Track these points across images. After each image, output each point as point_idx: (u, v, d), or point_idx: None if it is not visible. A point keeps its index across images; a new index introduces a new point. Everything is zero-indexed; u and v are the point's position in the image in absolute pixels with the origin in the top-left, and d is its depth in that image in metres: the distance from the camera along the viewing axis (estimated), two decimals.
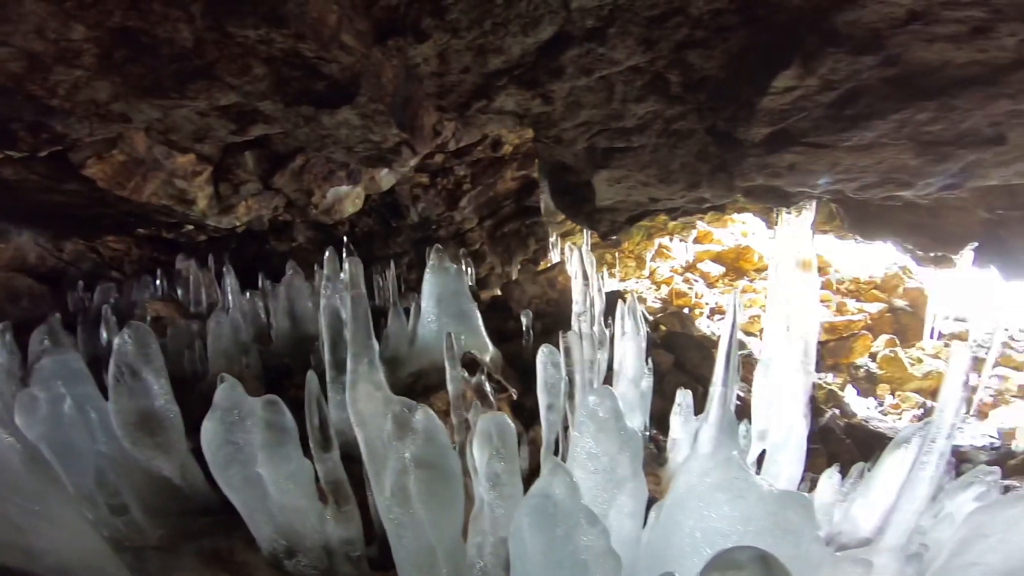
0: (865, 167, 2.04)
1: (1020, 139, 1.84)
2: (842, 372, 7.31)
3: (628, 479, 1.41)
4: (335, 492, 1.67)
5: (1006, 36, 1.53)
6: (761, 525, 1.23)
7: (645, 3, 1.76)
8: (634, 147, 2.33)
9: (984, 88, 1.67)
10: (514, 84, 2.10)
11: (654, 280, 8.14)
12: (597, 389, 1.53)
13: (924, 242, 3.15)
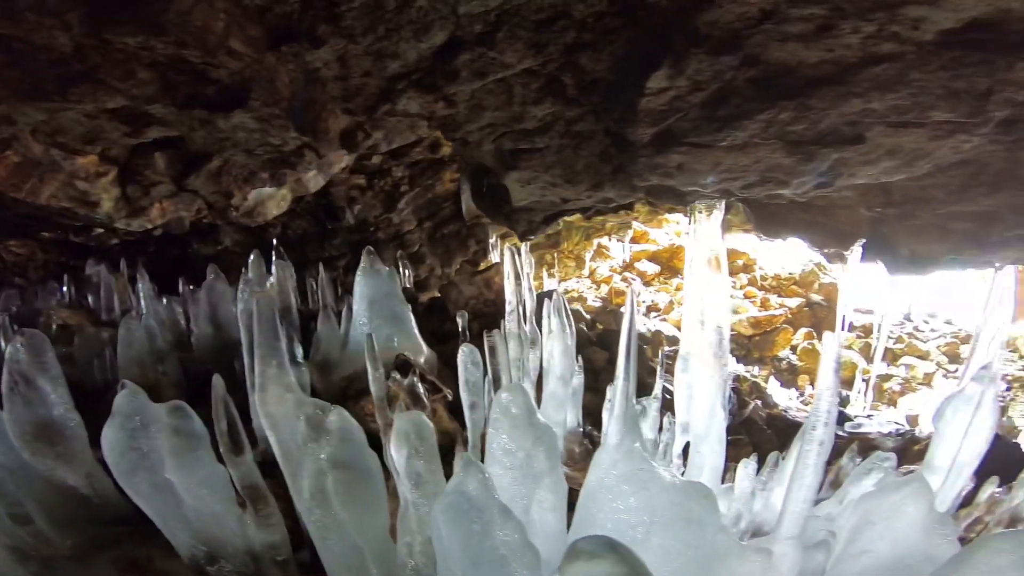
0: (745, 166, 2.11)
1: (879, 138, 1.93)
2: (767, 364, 7.66)
3: (545, 474, 1.42)
4: (252, 496, 1.64)
5: (849, 34, 1.59)
6: (666, 516, 1.24)
7: (531, 8, 1.78)
8: (539, 148, 2.39)
9: (835, 88, 1.74)
10: (414, 88, 2.12)
11: (594, 279, 8.29)
12: (509, 386, 1.54)
13: (819, 239, 3.34)
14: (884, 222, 2.85)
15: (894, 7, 1.50)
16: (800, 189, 2.26)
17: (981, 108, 1.70)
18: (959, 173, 2.32)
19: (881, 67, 1.67)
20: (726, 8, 1.64)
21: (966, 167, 2.28)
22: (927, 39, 1.57)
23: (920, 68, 1.63)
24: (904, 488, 1.38)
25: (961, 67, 1.59)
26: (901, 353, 7.20)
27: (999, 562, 1.04)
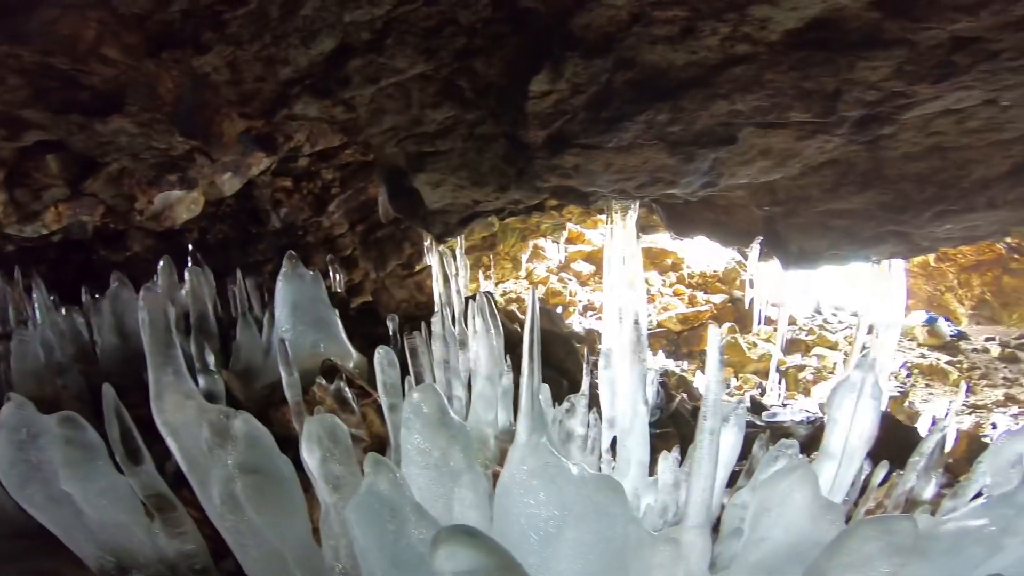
0: (635, 167, 2.13)
1: (751, 139, 1.98)
2: (695, 359, 7.93)
3: (463, 471, 1.41)
4: (158, 506, 1.57)
5: (708, 36, 1.62)
6: (577, 509, 1.24)
7: (418, 15, 1.76)
8: (443, 152, 2.37)
9: (703, 89, 1.77)
10: (308, 93, 2.06)
11: (531, 281, 8.37)
12: (420, 387, 1.52)
13: (722, 237, 3.47)
14: (774, 220, 2.98)
15: (742, 7, 1.54)
16: (688, 189, 2.33)
17: (833, 108, 1.78)
18: (831, 172, 2.45)
19: (740, 68, 1.71)
20: (596, 12, 1.65)
21: (836, 167, 2.40)
22: (775, 39, 1.62)
23: (773, 69, 1.68)
24: (791, 475, 1.41)
25: (808, 67, 1.65)
26: (813, 344, 7.59)
27: (868, 549, 1.06)
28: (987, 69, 1.57)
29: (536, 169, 2.27)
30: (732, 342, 7.76)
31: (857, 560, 1.06)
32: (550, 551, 1.22)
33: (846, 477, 2.39)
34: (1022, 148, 2.07)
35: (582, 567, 1.21)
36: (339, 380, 3.39)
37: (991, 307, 7.63)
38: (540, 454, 1.30)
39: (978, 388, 6.33)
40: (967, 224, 2.48)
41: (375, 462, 1.24)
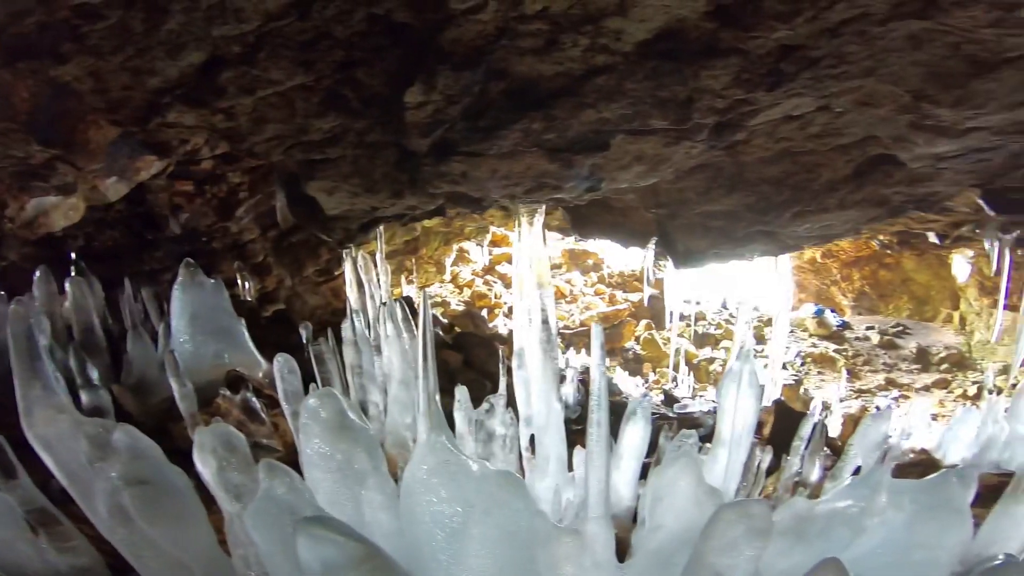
0: (520, 173, 2.19)
1: (624, 145, 2.07)
2: (616, 356, 8.17)
3: (369, 474, 1.37)
4: (40, 521, 1.46)
5: (571, 47, 1.68)
6: (481, 505, 1.23)
7: (292, 29, 1.74)
8: (333, 159, 2.35)
9: (571, 98, 1.84)
10: (181, 102, 1.99)
11: (457, 284, 8.35)
12: (317, 391, 1.49)
13: (621, 238, 3.62)
14: (662, 222, 3.14)
15: (597, 19, 1.60)
16: (574, 193, 2.41)
17: (688, 116, 1.90)
18: (702, 176, 2.60)
19: (602, 78, 1.79)
20: (465, 27, 1.68)
21: (706, 171, 2.56)
22: (629, 50, 1.70)
23: (630, 78, 1.76)
24: (675, 464, 1.44)
25: (660, 77, 1.75)
26: (721, 338, 8.02)
27: (733, 533, 1.09)
28: (810, 76, 1.72)
29: (426, 176, 2.29)
30: (649, 338, 8.06)
31: (725, 544, 1.10)
32: (457, 547, 1.22)
33: (736, 463, 2.53)
34: (861, 152, 2.28)
35: (490, 562, 1.22)
36: (245, 390, 3.26)
37: (870, 299, 8.38)
38: (439, 452, 1.30)
39: (862, 374, 6.91)
40: (823, 223, 2.71)
41: (269, 468, 1.24)
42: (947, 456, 3.44)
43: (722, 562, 1.11)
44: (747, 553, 1.10)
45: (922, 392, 6.30)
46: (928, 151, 1.97)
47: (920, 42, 1.60)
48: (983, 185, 2.43)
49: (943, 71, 1.66)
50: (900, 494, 1.49)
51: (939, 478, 1.59)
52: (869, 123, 2.02)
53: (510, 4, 1.61)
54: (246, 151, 2.42)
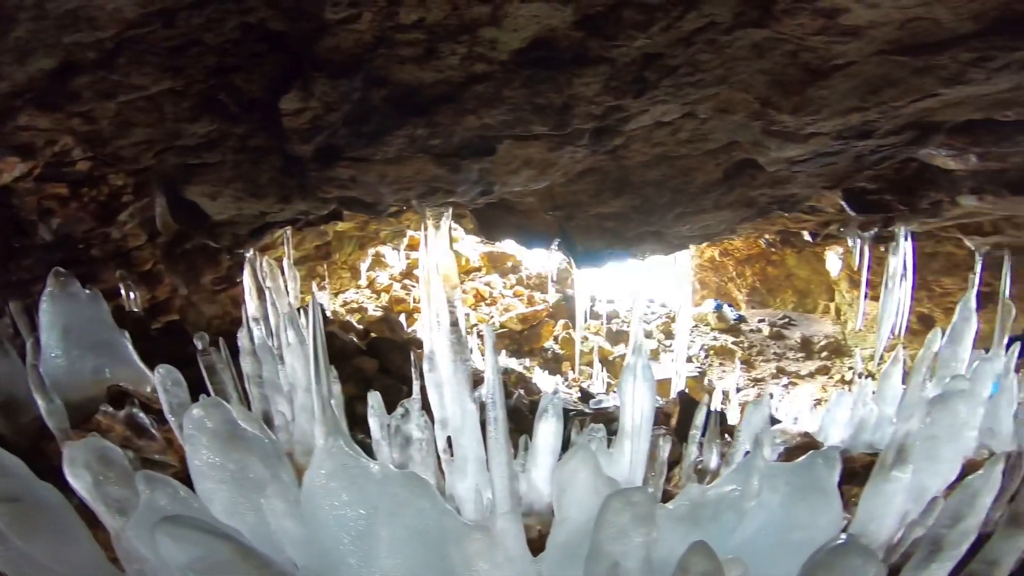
0: (409, 178, 2.19)
1: (512, 150, 2.12)
2: (535, 356, 8.33)
3: (268, 482, 1.36)
4: None
5: (449, 56, 1.71)
6: (386, 507, 1.24)
7: (158, 36, 1.67)
8: (212, 163, 2.26)
9: (453, 105, 1.87)
10: (32, 106, 1.88)
11: (374, 289, 8.19)
12: (203, 401, 1.41)
13: (526, 239, 3.68)
14: (562, 223, 3.25)
15: (473, 29, 1.65)
16: (467, 196, 2.45)
17: (566, 121, 1.98)
18: (592, 180, 2.72)
19: (481, 86, 1.84)
20: (342, 36, 1.67)
21: (594, 174, 2.68)
22: (505, 59, 1.75)
23: (508, 86, 1.82)
24: (574, 457, 1.49)
25: (536, 84, 1.81)
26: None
27: (621, 521, 1.13)
28: (671, 84, 1.85)
29: (313, 181, 2.25)
30: (567, 338, 8.28)
31: (615, 532, 1.14)
32: (367, 549, 1.22)
33: (640, 453, 2.65)
34: (728, 157, 2.47)
35: (402, 562, 1.22)
36: (131, 406, 3.07)
37: (761, 293, 9.11)
38: (337, 456, 1.31)
39: (756, 363, 7.48)
40: (702, 223, 2.91)
41: (148, 479, 1.23)
42: (828, 438, 3.76)
43: (615, 550, 1.16)
44: (636, 540, 1.15)
45: (807, 379, 6.91)
46: (781, 155, 2.17)
47: (763, 51, 1.76)
48: (833, 187, 2.71)
49: (784, 79, 1.83)
50: (774, 477, 1.62)
51: (807, 461, 1.74)
52: (730, 129, 2.19)
53: (386, 14, 1.62)
54: (111, 155, 2.27)
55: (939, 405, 1.77)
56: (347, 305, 7.58)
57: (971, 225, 3.39)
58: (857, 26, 1.56)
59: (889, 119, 1.95)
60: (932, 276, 4.51)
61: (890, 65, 1.71)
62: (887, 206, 3.26)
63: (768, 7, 1.55)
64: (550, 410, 2.80)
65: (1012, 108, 2.03)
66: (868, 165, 2.36)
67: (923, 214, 3.17)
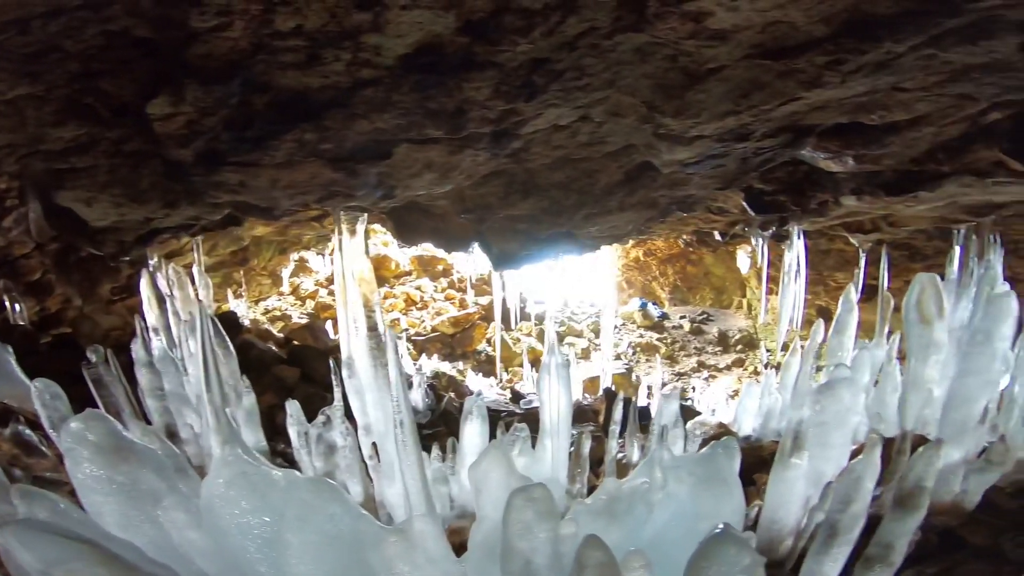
0: (305, 182, 2.14)
1: (411, 153, 2.11)
2: (469, 359, 8.32)
3: (165, 494, 1.32)
4: None
5: (333, 62, 1.70)
6: (293, 513, 1.22)
7: (13, 43, 1.60)
8: (83, 168, 2.13)
9: (342, 110, 1.85)
10: None
11: (298, 296, 7.92)
12: (83, 414, 1.32)
13: (444, 243, 3.69)
14: (476, 226, 3.27)
15: (355, 35, 1.63)
16: (368, 201, 2.42)
17: (461, 125, 1.99)
18: (500, 182, 2.75)
19: (370, 90, 1.82)
20: (214, 43, 1.62)
21: (501, 177, 2.71)
22: (392, 64, 1.74)
23: (397, 91, 1.81)
24: (487, 457, 1.50)
25: (426, 89, 1.82)
26: (565, 335, 8.54)
27: (525, 517, 1.16)
28: (559, 88, 1.90)
29: (199, 186, 2.16)
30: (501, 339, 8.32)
31: (522, 528, 1.17)
32: (276, 556, 1.20)
33: (561, 450, 2.70)
34: (628, 159, 2.56)
35: (315, 568, 1.21)
36: (15, 423, 2.92)
37: (682, 291, 9.56)
38: (235, 465, 1.28)
39: (679, 358, 7.81)
40: (610, 224, 3.01)
41: (24, 493, 1.21)
42: (741, 427, 3.97)
43: (523, 546, 1.18)
44: (541, 535, 1.18)
45: (725, 371, 7.28)
46: (672, 158, 2.28)
47: (645, 55, 1.83)
48: (725, 188, 2.87)
49: (666, 83, 1.92)
50: (679, 469, 1.69)
51: (708, 452, 1.82)
52: (625, 132, 2.27)
53: (260, 22, 1.58)
54: None
55: (825, 393, 1.87)
56: (269, 313, 7.29)
57: (854, 223, 3.68)
58: (724, 30, 1.65)
59: (762, 122, 2.07)
60: (827, 271, 4.88)
61: (757, 69, 1.83)
62: (782, 206, 3.49)
63: (642, 11, 1.62)
64: (475, 412, 2.83)
65: (875, 112, 2.21)
66: (754, 167, 2.52)
67: (813, 214, 3.41)
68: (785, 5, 1.56)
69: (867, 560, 1.48)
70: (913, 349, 2.42)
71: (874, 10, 1.58)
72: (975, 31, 1.65)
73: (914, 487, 1.47)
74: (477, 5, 1.57)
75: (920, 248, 3.85)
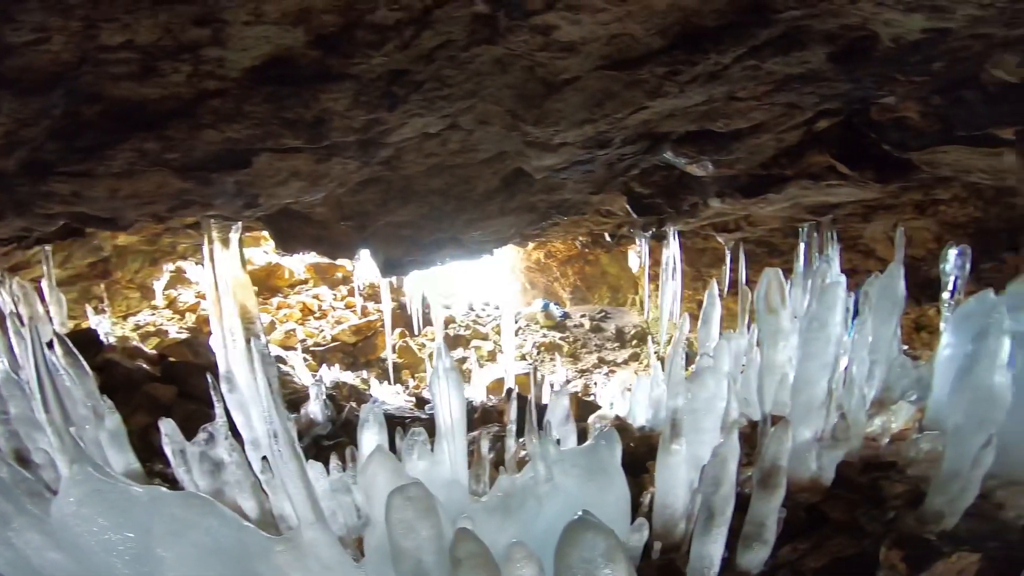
0: (151, 191, 2.07)
1: (274, 162, 2.10)
2: (373, 367, 8.17)
3: (11, 516, 1.33)
4: None
5: (172, 73, 1.65)
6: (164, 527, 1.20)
7: None
8: None
9: (186, 119, 1.81)
10: None
11: (176, 309, 7.40)
12: None
13: (327, 250, 3.63)
14: (359, 232, 3.25)
15: (193, 49, 1.59)
16: (228, 209, 2.35)
17: (322, 135, 1.99)
18: (377, 189, 2.77)
19: (217, 101, 1.78)
20: (31, 56, 1.52)
21: (378, 184, 2.73)
22: (239, 76, 1.71)
23: (248, 101, 1.79)
24: (371, 460, 1.57)
25: (280, 100, 1.81)
26: (471, 338, 8.64)
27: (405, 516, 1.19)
28: (421, 98, 1.95)
29: (27, 197, 2.01)
30: (404, 346, 8.25)
31: (404, 528, 1.20)
32: (150, 572, 1.19)
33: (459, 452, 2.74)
34: (503, 165, 2.68)
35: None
36: None
37: (582, 291, 10.04)
38: (85, 483, 1.27)
39: (581, 356, 8.19)
40: (493, 229, 3.11)
41: None
42: (635, 419, 4.22)
43: (409, 545, 1.22)
44: (424, 533, 1.21)
45: (623, 366, 7.72)
46: (542, 164, 2.40)
47: (505, 66, 1.92)
48: (598, 192, 3.07)
49: (526, 92, 2.03)
50: (565, 462, 1.78)
51: (590, 444, 1.93)
52: (496, 140, 2.38)
53: (83, 37, 1.51)
54: None
55: (694, 381, 2.04)
56: (141, 329, 6.75)
57: (720, 223, 4.06)
58: (573, 42, 1.77)
59: (618, 129, 2.24)
60: (704, 268, 5.34)
61: (607, 79, 1.97)
62: (659, 208, 3.78)
63: (494, 25, 1.71)
64: (371, 419, 2.82)
65: (719, 119, 2.44)
66: (621, 172, 2.71)
67: (686, 215, 3.72)
68: (623, 19, 1.70)
69: (744, 538, 1.60)
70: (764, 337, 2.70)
71: (701, 23, 1.75)
72: (787, 42, 1.86)
73: (770, 466, 1.59)
74: (326, 20, 1.59)
75: (778, 245, 4.32)
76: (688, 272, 5.26)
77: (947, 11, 1.61)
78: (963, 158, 2.37)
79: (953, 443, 1.65)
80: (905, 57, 1.88)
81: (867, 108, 2.43)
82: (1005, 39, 1.81)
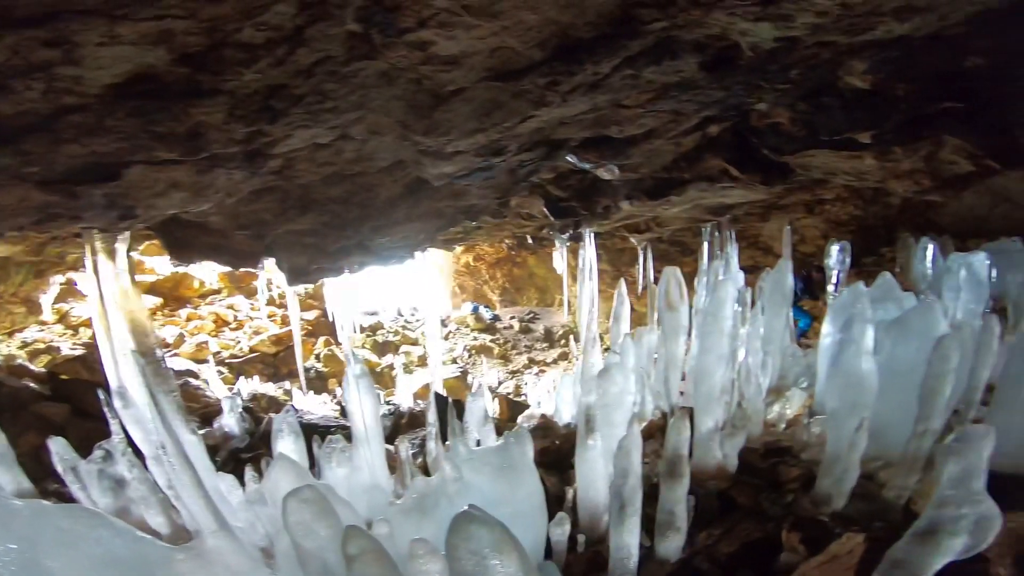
0: (14, 205, 2.03)
1: (150, 174, 2.09)
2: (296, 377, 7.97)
3: None
4: None
5: (26, 90, 1.61)
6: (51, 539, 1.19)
7: None
8: None
9: (45, 135, 1.78)
10: None
11: (68, 324, 6.96)
12: None
13: (228, 259, 3.53)
14: (260, 241, 3.20)
15: (47, 68, 1.56)
16: (100, 222, 2.29)
17: (199, 147, 1.97)
18: (274, 198, 2.74)
19: (77, 116, 1.74)
20: None
21: (274, 193, 2.71)
22: (100, 92, 1.69)
23: (111, 116, 1.76)
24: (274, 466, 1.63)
25: (148, 114, 1.78)
26: (400, 343, 8.59)
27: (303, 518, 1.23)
28: (303, 111, 1.97)
29: None
30: (329, 354, 8.10)
31: (303, 530, 1.23)
32: None
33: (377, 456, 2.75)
34: (404, 173, 2.71)
35: None
36: None
37: (511, 293, 10.20)
38: None
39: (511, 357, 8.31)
40: (401, 235, 3.14)
41: None
42: (561, 416, 4.34)
43: (311, 545, 1.25)
44: (323, 533, 1.24)
45: (552, 365, 7.91)
46: (439, 171, 2.46)
47: (391, 79, 1.96)
48: (503, 197, 3.16)
49: (415, 104, 2.08)
50: (476, 460, 1.83)
51: (501, 442, 1.99)
52: (391, 149, 2.41)
53: None
54: None
55: (603, 378, 2.12)
56: (29, 346, 6.31)
57: (632, 225, 4.25)
58: (453, 55, 1.83)
59: (510, 138, 2.33)
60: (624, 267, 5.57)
61: (494, 90, 2.06)
62: (575, 211, 3.92)
63: (371, 42, 1.75)
64: (285, 428, 2.80)
65: (611, 126, 2.57)
66: (523, 177, 2.81)
67: (600, 217, 3.88)
68: (499, 33, 1.78)
69: (659, 527, 1.69)
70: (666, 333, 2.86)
71: (577, 35, 1.86)
72: (659, 52, 1.99)
73: (673, 455, 1.67)
74: (190, 41, 1.58)
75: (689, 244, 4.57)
76: (609, 271, 5.47)
77: (790, 19, 1.78)
78: (829, 161, 2.61)
79: (832, 427, 1.80)
80: (765, 65, 2.06)
81: (747, 115, 2.63)
82: (850, 47, 2.01)
